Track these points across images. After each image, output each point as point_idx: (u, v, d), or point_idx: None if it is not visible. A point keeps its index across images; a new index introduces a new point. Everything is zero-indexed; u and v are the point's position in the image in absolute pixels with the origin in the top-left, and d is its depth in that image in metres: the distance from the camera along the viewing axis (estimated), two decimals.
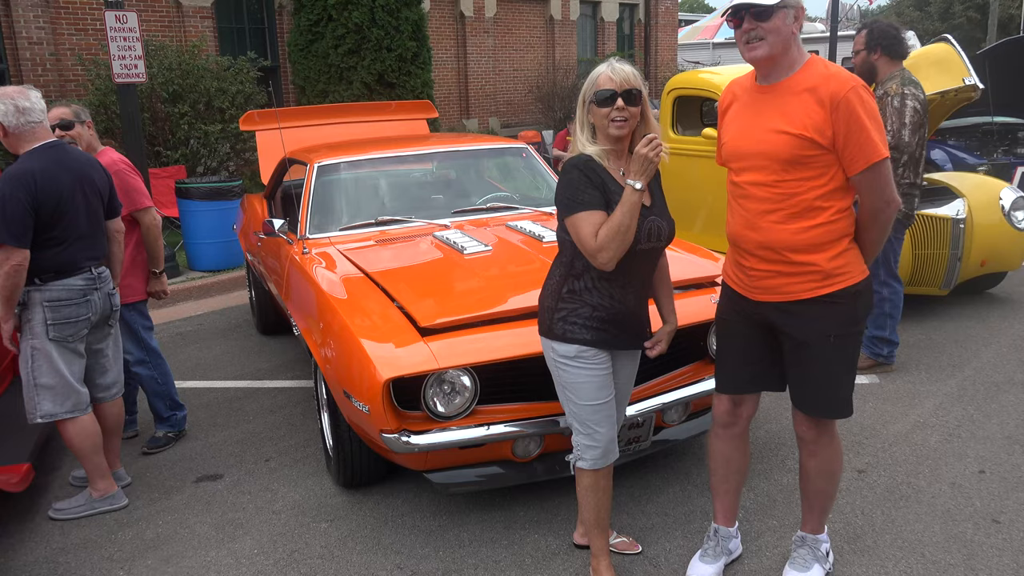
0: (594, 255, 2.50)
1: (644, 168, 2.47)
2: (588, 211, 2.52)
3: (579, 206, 2.53)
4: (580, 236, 2.52)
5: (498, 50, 16.43)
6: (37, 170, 3.25)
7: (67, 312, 3.39)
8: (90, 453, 3.51)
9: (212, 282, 7.62)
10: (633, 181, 2.47)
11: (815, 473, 2.73)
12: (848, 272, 2.50)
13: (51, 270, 3.33)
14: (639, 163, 2.47)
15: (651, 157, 2.45)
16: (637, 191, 2.47)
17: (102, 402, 3.67)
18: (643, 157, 2.46)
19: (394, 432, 2.96)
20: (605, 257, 2.49)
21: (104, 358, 3.66)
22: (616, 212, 2.48)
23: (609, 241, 2.47)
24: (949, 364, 4.91)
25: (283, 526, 3.39)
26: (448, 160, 5.04)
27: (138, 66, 7.55)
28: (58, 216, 3.31)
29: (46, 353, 3.37)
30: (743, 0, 2.39)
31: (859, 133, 2.34)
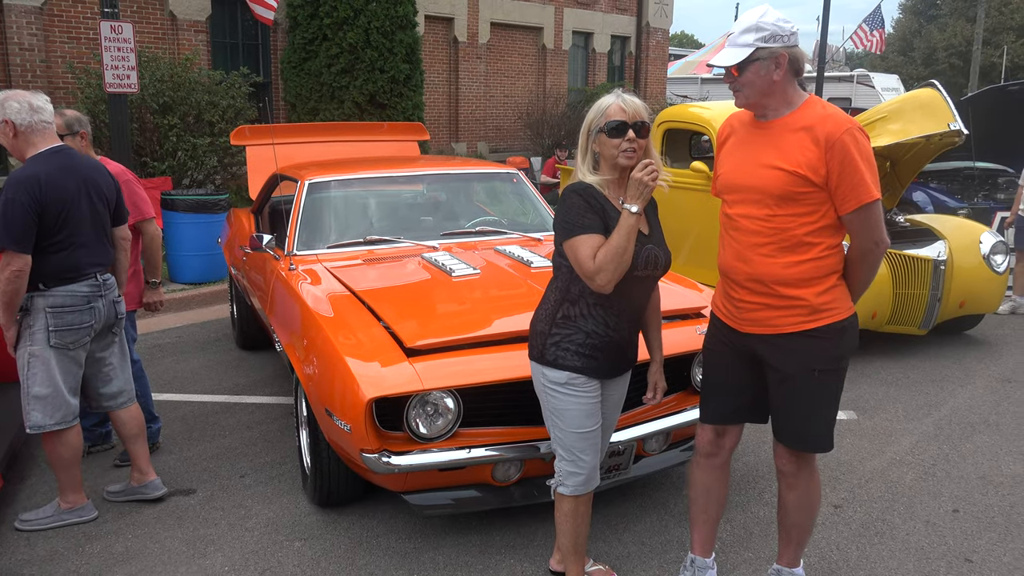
0: (592, 277, 2.52)
1: (640, 192, 2.50)
2: (587, 234, 2.54)
3: (579, 229, 2.55)
4: (578, 258, 2.54)
5: (490, 76, 16.57)
6: (43, 174, 3.23)
7: (70, 319, 3.34)
8: (68, 465, 3.46)
9: (193, 295, 7.57)
10: (629, 205, 2.50)
11: (793, 506, 2.74)
12: (835, 308, 2.53)
13: (55, 276, 3.30)
14: (635, 187, 2.50)
15: (646, 181, 2.49)
16: (633, 214, 2.50)
17: (111, 410, 3.65)
18: (638, 181, 2.49)
19: (375, 452, 2.95)
20: (603, 279, 2.51)
21: (107, 367, 3.60)
22: (614, 235, 2.51)
23: (607, 263, 2.50)
24: (926, 403, 4.96)
25: (256, 543, 3.35)
26: (438, 182, 5.06)
27: (130, 76, 7.56)
28: (63, 221, 3.28)
29: (44, 360, 3.32)
30: (714, 61, 2.54)
31: (852, 174, 2.39)
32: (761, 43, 2.43)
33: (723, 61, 2.48)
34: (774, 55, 2.44)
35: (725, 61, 2.48)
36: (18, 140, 3.30)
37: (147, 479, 3.70)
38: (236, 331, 6.25)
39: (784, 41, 2.43)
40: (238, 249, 5.51)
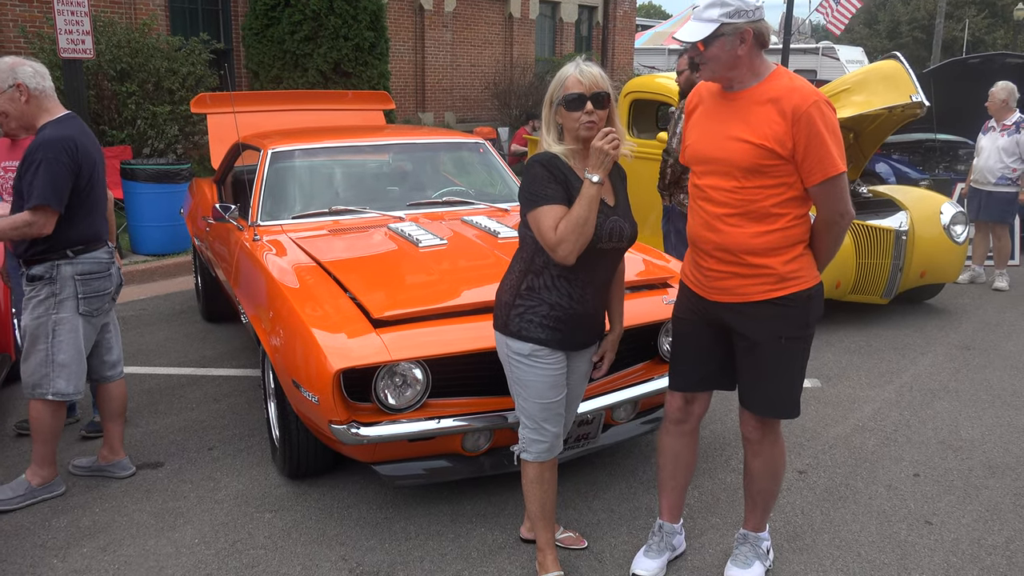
0: (554, 248, 2.51)
1: (600, 161, 2.48)
2: (550, 205, 2.52)
3: (541, 200, 2.53)
4: (541, 229, 2.52)
5: (456, 45, 16.38)
6: (75, 136, 3.19)
7: (96, 285, 3.37)
8: (51, 438, 3.42)
9: (156, 266, 7.45)
10: (591, 174, 2.49)
11: (759, 473, 2.78)
12: (802, 276, 2.56)
13: (81, 242, 3.30)
14: (596, 156, 2.48)
15: (607, 150, 2.47)
16: (595, 184, 2.48)
17: (109, 381, 3.63)
18: (599, 150, 2.48)
19: (343, 423, 2.93)
20: (565, 250, 2.50)
21: (109, 333, 3.63)
22: (575, 205, 2.50)
23: (568, 234, 2.48)
24: (888, 371, 5.05)
25: (225, 516, 3.33)
26: (404, 152, 5.01)
27: (85, 42, 7.33)
28: (90, 186, 3.28)
29: (73, 328, 3.32)
30: (678, 35, 2.55)
31: (819, 147, 2.40)
32: (726, 19, 2.42)
33: (687, 36, 2.47)
34: (739, 30, 2.43)
35: (689, 36, 2.46)
36: (29, 105, 3.24)
37: (116, 458, 3.65)
38: (201, 303, 6.16)
39: (749, 16, 2.43)
40: (201, 220, 5.41)
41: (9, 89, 3.20)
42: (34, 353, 3.31)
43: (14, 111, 3.25)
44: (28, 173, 3.13)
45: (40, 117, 3.27)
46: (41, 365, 3.31)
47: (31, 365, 3.32)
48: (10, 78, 3.21)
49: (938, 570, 2.99)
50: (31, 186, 3.12)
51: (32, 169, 3.12)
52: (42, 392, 3.32)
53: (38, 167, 3.11)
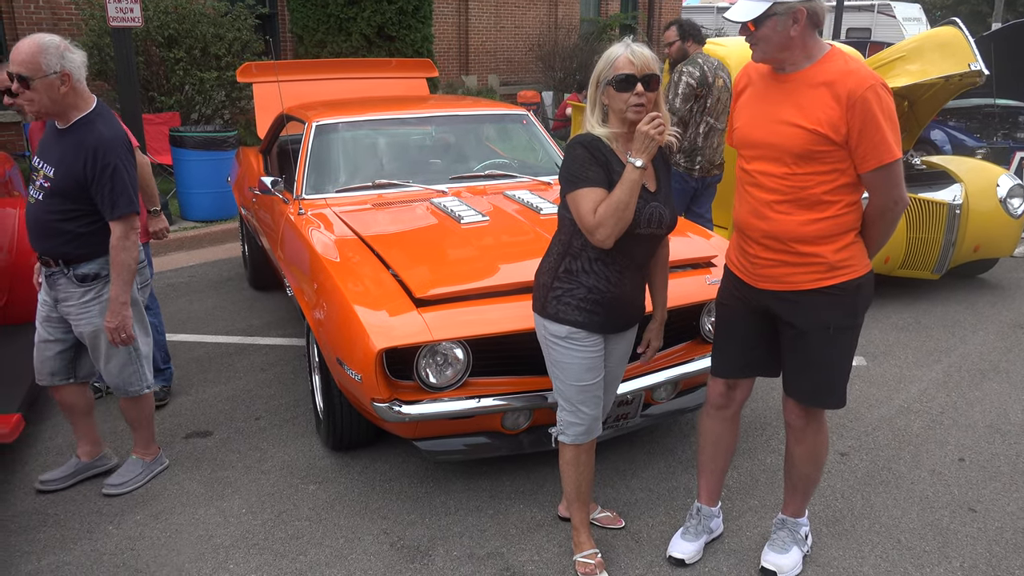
0: (592, 231, 2.50)
1: (645, 146, 2.45)
2: (590, 187, 2.51)
3: (581, 182, 2.52)
4: (580, 212, 2.51)
5: (500, 6, 16.18)
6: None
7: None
8: (151, 420, 3.50)
9: (205, 233, 7.58)
10: (634, 159, 2.46)
11: (801, 459, 2.77)
12: (852, 265, 2.51)
13: None
14: (640, 140, 2.45)
15: (652, 135, 2.44)
16: (637, 168, 2.46)
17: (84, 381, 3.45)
18: (644, 134, 2.44)
19: (385, 401, 2.98)
20: (603, 234, 2.48)
21: None
22: (616, 189, 2.47)
23: (607, 217, 2.47)
24: (936, 349, 4.96)
25: (272, 486, 3.42)
26: (447, 124, 4.99)
27: (134, 10, 7.40)
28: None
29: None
30: (728, 15, 2.46)
31: (874, 133, 2.33)
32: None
33: (738, 16, 2.41)
34: (792, 10, 2.36)
35: (740, 16, 2.40)
36: (68, 95, 3.04)
37: (101, 451, 3.54)
38: (248, 271, 6.27)
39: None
40: (248, 190, 5.48)
41: (53, 76, 2.96)
42: (113, 357, 3.24)
43: (49, 99, 3.00)
44: (101, 180, 2.99)
45: (79, 107, 3.09)
46: (127, 364, 3.28)
47: (114, 368, 3.26)
48: (57, 63, 2.97)
49: (980, 559, 2.96)
50: (112, 195, 3.00)
51: (107, 176, 2.99)
52: (137, 390, 3.34)
53: (112, 174, 3.00)
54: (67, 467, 3.46)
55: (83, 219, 3.10)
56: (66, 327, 3.26)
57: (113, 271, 3.08)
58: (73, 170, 3.04)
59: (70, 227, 3.09)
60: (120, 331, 3.12)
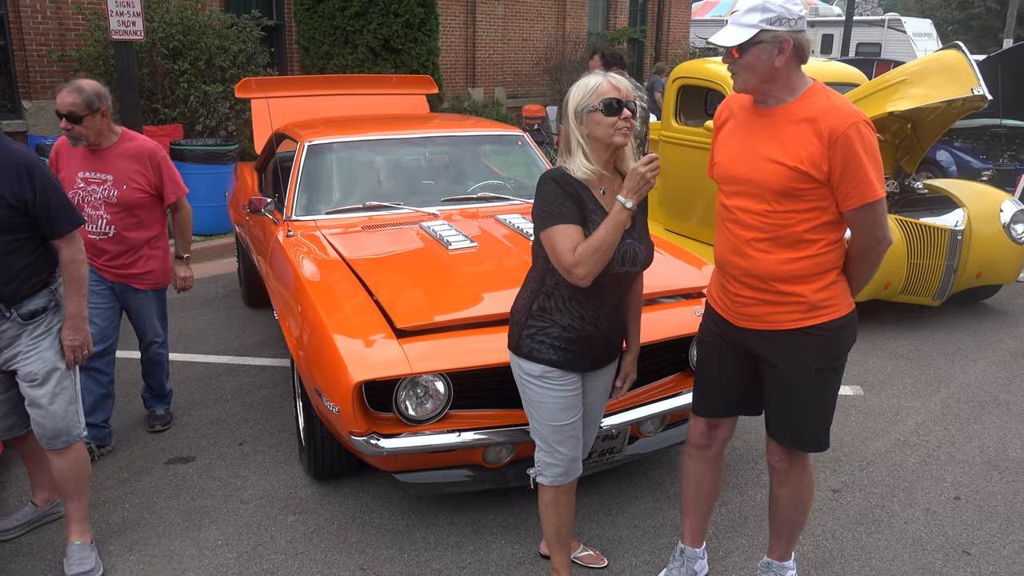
0: (569, 270, 2.43)
1: (639, 186, 2.39)
2: (565, 224, 2.44)
3: (555, 219, 2.45)
4: (556, 250, 2.45)
5: (508, 19, 16.16)
6: None
7: None
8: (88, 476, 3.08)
9: (203, 247, 7.55)
10: (625, 199, 2.40)
11: (785, 503, 2.69)
12: (834, 305, 2.44)
13: None
14: (635, 181, 2.38)
15: (648, 177, 2.37)
16: (627, 210, 2.40)
17: None
18: (640, 175, 2.37)
19: (363, 435, 2.92)
20: (581, 272, 2.42)
21: None
22: (600, 228, 2.41)
23: (588, 256, 2.40)
24: (935, 379, 4.87)
25: (250, 517, 3.36)
26: (441, 146, 4.95)
27: (136, 23, 7.42)
28: None
29: None
30: (713, 39, 2.39)
31: (856, 171, 2.27)
32: (766, 25, 2.28)
33: (723, 40, 2.34)
34: (778, 39, 2.30)
35: (725, 41, 2.33)
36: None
37: (56, 497, 3.30)
38: (243, 288, 6.23)
39: (791, 25, 2.29)
40: (242, 207, 5.45)
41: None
42: (60, 395, 2.90)
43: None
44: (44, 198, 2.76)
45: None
46: (72, 402, 2.95)
47: (60, 408, 2.90)
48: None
49: None
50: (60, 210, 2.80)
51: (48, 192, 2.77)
52: (78, 433, 2.98)
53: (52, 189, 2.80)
54: (22, 514, 3.25)
55: (23, 249, 2.79)
56: (6, 383, 2.94)
57: (72, 288, 2.87)
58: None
59: (11, 263, 2.76)
60: (83, 348, 2.93)
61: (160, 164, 3.73)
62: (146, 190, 3.71)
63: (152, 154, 3.71)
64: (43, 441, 2.93)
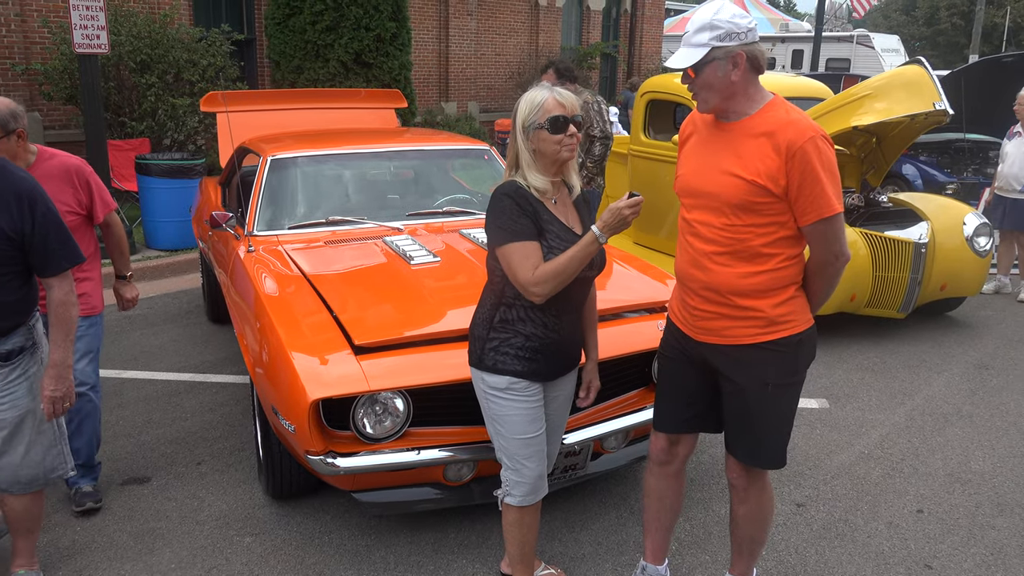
0: (527, 287, 2.42)
1: (616, 225, 2.39)
2: (521, 242, 2.44)
3: (512, 236, 2.44)
4: (513, 267, 2.43)
5: (481, 34, 16.21)
6: None
7: None
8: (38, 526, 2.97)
9: (168, 263, 7.45)
10: (600, 233, 2.40)
11: (745, 520, 2.67)
12: (792, 320, 2.43)
13: None
14: (615, 219, 2.38)
15: (627, 217, 2.37)
16: (599, 244, 2.41)
17: None
18: (620, 215, 2.37)
19: (319, 454, 2.86)
20: (541, 291, 2.42)
21: None
22: (566, 255, 2.42)
23: (549, 278, 2.41)
24: (900, 391, 4.89)
25: (205, 539, 3.28)
26: (407, 160, 4.91)
27: (100, 37, 7.31)
28: None
29: None
30: (668, 63, 2.42)
31: (813, 185, 2.26)
32: (716, 42, 2.29)
33: (678, 63, 2.35)
34: (731, 54, 2.30)
35: (679, 63, 2.35)
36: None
37: None
38: (207, 303, 6.14)
39: (741, 39, 2.29)
40: (204, 222, 5.37)
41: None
42: (39, 439, 2.78)
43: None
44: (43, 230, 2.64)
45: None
46: (53, 445, 2.83)
47: (38, 454, 2.78)
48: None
49: None
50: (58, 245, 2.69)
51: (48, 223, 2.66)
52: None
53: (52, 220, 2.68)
54: None
55: (9, 285, 2.62)
56: None
57: (59, 332, 2.67)
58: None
59: None
60: (65, 399, 2.72)
61: (89, 180, 3.33)
62: (76, 211, 3.28)
63: (79, 170, 3.30)
64: (13, 487, 2.77)
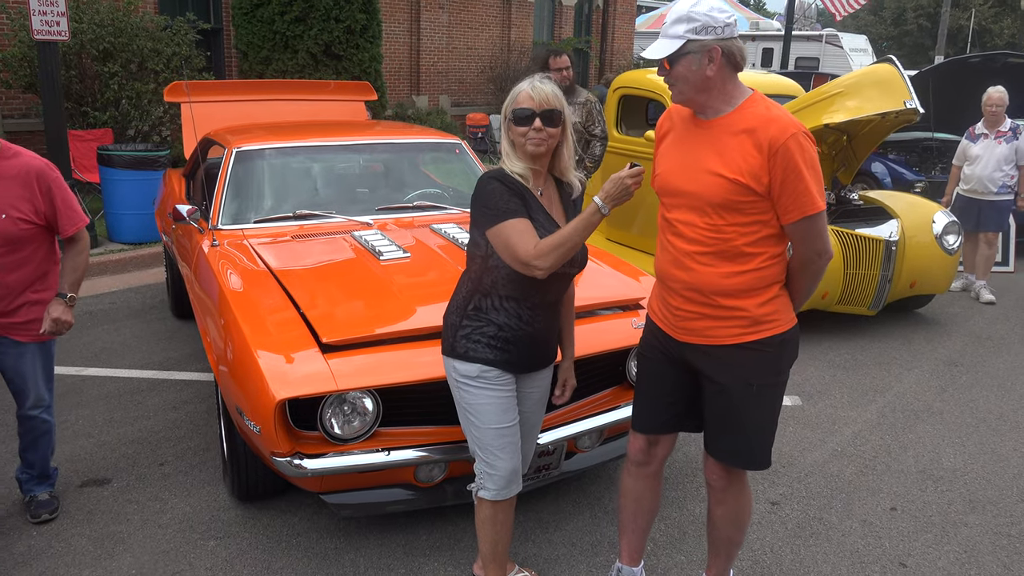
0: (529, 262, 2.37)
1: (619, 195, 2.34)
2: (516, 219, 2.40)
3: (505, 214, 2.40)
4: (511, 245, 2.38)
5: (452, 27, 16.08)
6: None
7: None
8: None
9: (131, 256, 7.27)
10: (602, 203, 2.35)
11: (723, 521, 2.63)
12: (776, 320, 2.38)
13: None
14: (617, 188, 2.33)
15: (631, 188, 2.33)
16: (602, 214, 2.36)
17: None
18: (623, 184, 2.32)
19: (286, 455, 2.78)
20: (544, 263, 2.36)
21: None
22: (570, 225, 2.38)
23: (551, 250, 2.36)
24: (871, 388, 4.90)
25: (168, 543, 3.18)
26: (376, 153, 4.81)
27: (60, 23, 7.11)
28: None
29: None
30: (644, 55, 2.36)
31: (795, 183, 2.22)
32: (692, 35, 2.23)
33: (653, 54, 2.31)
34: (706, 48, 2.24)
35: (655, 53, 2.30)
36: None
37: None
38: (171, 298, 5.99)
39: (717, 33, 2.24)
40: (168, 215, 5.23)
41: None
42: None
43: None
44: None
45: None
46: None
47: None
48: None
49: None
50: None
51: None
52: None
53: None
54: None
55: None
56: None
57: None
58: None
59: None
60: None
61: (51, 188, 3.06)
62: (32, 220, 3.03)
63: (41, 175, 3.04)
64: None
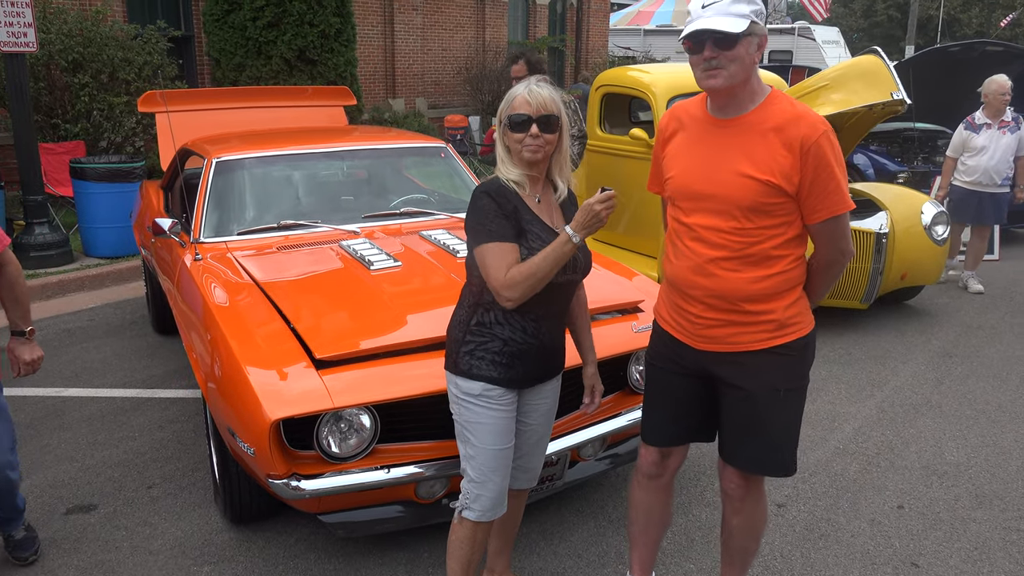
0: (499, 290, 2.27)
1: (590, 223, 2.21)
2: (497, 242, 2.29)
3: (488, 236, 2.29)
4: (487, 268, 2.28)
5: (427, 29, 15.96)
6: None
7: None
8: None
9: (108, 271, 7.10)
10: (573, 233, 2.23)
11: (739, 531, 2.55)
12: (800, 322, 2.31)
13: None
14: (587, 217, 2.20)
15: (599, 212, 2.19)
16: (573, 244, 2.24)
17: None
18: (592, 212, 2.19)
19: (282, 477, 2.67)
20: (510, 295, 2.26)
21: None
22: (539, 256, 2.26)
23: (520, 281, 2.25)
24: (868, 383, 4.86)
25: (160, 570, 3.06)
26: (360, 159, 4.71)
27: (28, 34, 6.93)
28: None
29: None
30: (706, 27, 2.11)
31: (827, 182, 2.14)
32: (754, 17, 2.12)
33: (723, 27, 2.08)
34: (761, 35, 2.15)
35: (726, 27, 2.08)
36: None
37: None
38: (151, 314, 5.85)
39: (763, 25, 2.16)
40: (147, 229, 5.09)
41: None
42: None
43: None
44: None
45: None
46: None
47: None
48: None
49: None
50: None
51: None
52: None
53: None
54: None
55: None
56: None
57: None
58: None
59: None
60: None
61: None
62: None
63: None
64: None
